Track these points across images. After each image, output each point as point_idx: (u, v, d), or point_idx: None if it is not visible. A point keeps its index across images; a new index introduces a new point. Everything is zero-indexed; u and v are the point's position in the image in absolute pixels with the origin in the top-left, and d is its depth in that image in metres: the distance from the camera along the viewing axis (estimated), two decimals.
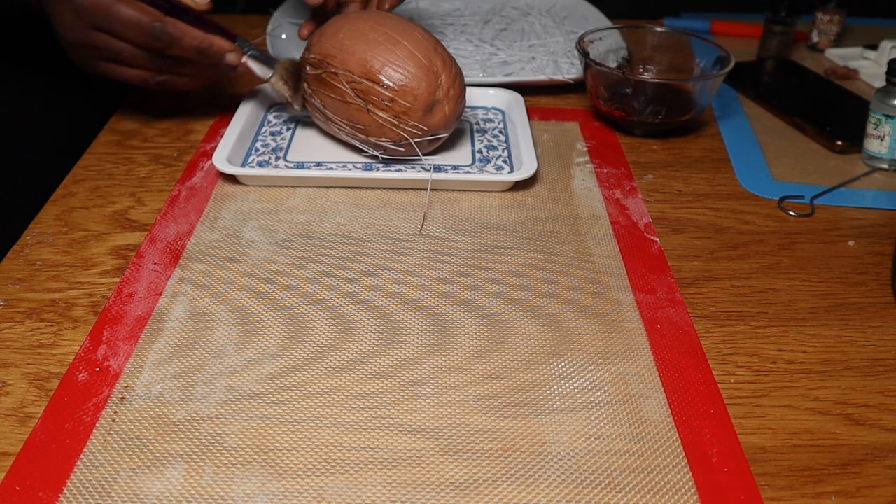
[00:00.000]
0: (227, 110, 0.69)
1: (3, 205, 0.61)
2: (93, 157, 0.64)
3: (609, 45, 0.75)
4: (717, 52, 0.71)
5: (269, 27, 0.82)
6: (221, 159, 0.59)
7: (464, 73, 0.77)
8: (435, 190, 0.59)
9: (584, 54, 0.70)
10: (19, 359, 0.44)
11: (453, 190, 0.60)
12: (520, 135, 0.64)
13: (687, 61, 0.74)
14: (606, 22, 0.86)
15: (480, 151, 0.64)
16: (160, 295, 0.48)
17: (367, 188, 0.60)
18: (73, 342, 0.45)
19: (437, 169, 0.61)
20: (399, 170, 0.60)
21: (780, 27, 0.85)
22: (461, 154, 0.64)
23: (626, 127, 0.70)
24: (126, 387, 0.42)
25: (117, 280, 0.50)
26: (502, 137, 0.67)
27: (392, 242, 0.54)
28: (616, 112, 0.69)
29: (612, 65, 0.74)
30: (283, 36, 0.82)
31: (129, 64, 0.59)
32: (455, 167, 0.62)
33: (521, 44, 0.85)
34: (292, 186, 0.60)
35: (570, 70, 0.78)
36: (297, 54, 0.65)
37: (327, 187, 0.60)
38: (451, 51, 0.82)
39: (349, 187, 0.60)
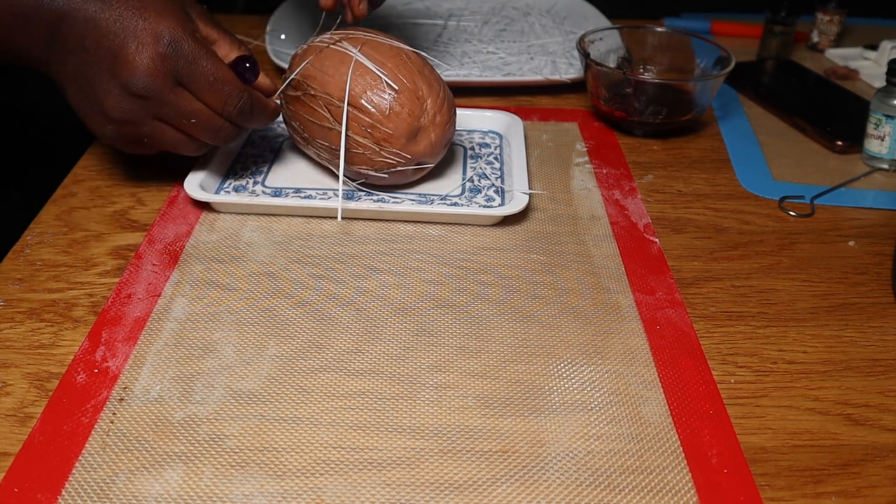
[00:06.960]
0: None
1: (3, 205, 0.61)
2: (93, 157, 0.64)
3: (609, 45, 0.75)
4: (717, 52, 0.71)
5: (269, 27, 0.82)
6: (194, 185, 0.56)
7: (462, 73, 0.77)
8: (420, 223, 0.56)
9: (585, 54, 0.70)
10: (19, 359, 0.44)
11: (439, 223, 0.56)
12: (514, 163, 0.60)
13: (687, 61, 0.74)
14: (606, 22, 0.86)
15: (471, 180, 0.60)
16: (159, 296, 0.48)
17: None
18: (73, 342, 0.45)
19: (422, 201, 0.57)
20: (381, 199, 0.57)
21: (780, 27, 0.85)
22: (450, 183, 0.60)
23: (626, 127, 0.70)
24: (125, 388, 0.42)
25: (117, 280, 0.50)
26: (497, 164, 0.62)
27: (389, 243, 0.54)
28: (617, 112, 0.69)
29: (612, 65, 0.74)
30: (283, 36, 0.82)
31: (189, 131, 0.51)
32: (442, 198, 0.58)
33: (520, 44, 0.85)
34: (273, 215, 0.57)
35: (568, 70, 0.78)
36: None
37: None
38: (449, 50, 0.82)
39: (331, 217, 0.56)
